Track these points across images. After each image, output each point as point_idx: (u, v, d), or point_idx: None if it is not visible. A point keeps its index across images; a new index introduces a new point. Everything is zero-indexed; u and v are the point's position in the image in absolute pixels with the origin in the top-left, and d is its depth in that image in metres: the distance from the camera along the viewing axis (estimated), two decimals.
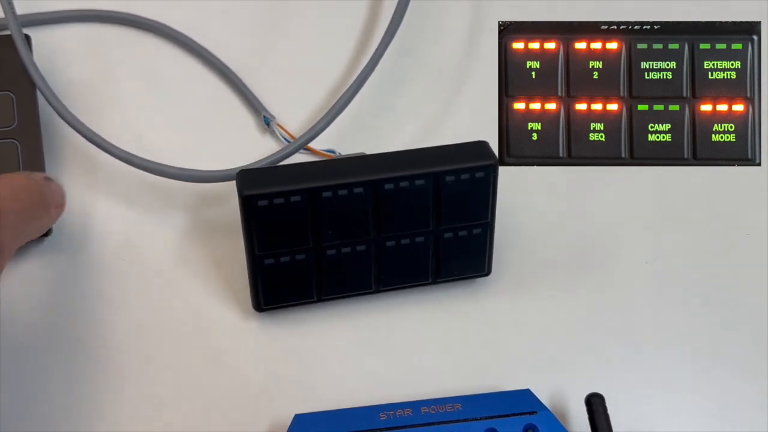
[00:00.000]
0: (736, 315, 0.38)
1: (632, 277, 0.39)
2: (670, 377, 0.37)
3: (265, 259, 0.35)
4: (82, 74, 0.42)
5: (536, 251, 0.40)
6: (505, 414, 0.33)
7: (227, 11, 0.44)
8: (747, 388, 0.36)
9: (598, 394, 0.34)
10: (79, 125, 0.38)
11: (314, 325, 0.37)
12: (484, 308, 0.38)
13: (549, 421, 0.33)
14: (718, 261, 0.40)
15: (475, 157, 0.34)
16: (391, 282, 0.37)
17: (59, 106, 0.38)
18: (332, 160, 0.39)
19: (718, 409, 0.36)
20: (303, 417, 0.34)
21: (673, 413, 0.36)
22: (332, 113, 0.40)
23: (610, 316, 0.38)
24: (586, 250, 0.40)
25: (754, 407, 0.36)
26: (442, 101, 0.43)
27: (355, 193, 0.33)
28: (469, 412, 0.34)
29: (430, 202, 0.35)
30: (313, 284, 0.36)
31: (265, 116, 0.41)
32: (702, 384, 0.36)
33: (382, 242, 0.35)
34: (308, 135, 0.39)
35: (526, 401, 0.34)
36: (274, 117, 0.41)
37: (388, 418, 0.34)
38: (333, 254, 0.35)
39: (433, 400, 0.34)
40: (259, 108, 0.41)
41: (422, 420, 0.33)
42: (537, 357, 0.37)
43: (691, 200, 0.41)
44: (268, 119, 0.41)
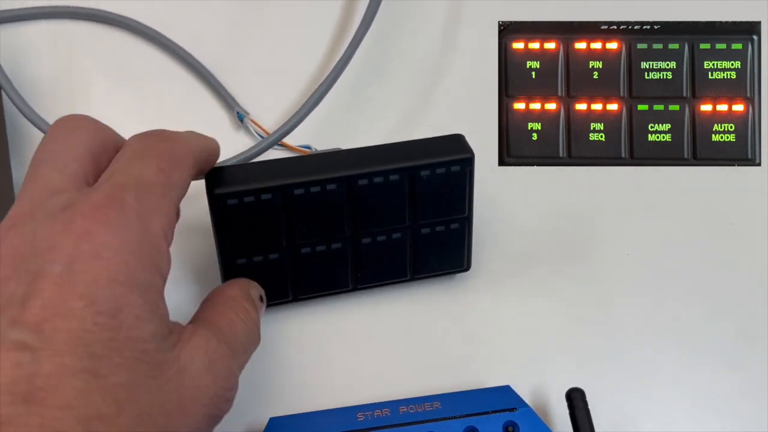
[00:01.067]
0: (721, 308, 0.38)
1: (615, 270, 0.39)
2: (652, 371, 0.36)
3: (238, 260, 0.34)
4: (50, 72, 0.41)
5: (534, 250, 0.40)
6: (484, 411, 0.33)
7: (199, 6, 0.44)
8: (729, 381, 0.36)
9: (579, 388, 0.34)
10: (43, 125, 0.37)
11: (290, 326, 0.37)
12: (464, 304, 0.38)
13: (529, 417, 0.33)
14: (717, 260, 0.40)
15: (451, 151, 0.34)
16: (368, 280, 0.36)
17: (23, 106, 0.37)
18: (305, 156, 0.38)
19: (700, 401, 0.36)
20: (278, 420, 0.33)
21: (655, 406, 0.36)
22: (306, 108, 0.39)
23: (591, 311, 0.38)
24: (579, 248, 0.40)
25: (736, 399, 0.36)
26: (441, 101, 0.43)
27: (328, 189, 0.33)
28: (449, 410, 0.33)
29: (406, 198, 0.34)
30: (288, 283, 0.35)
31: (239, 112, 0.41)
32: (683, 377, 0.36)
33: (358, 239, 0.35)
34: (282, 130, 0.39)
35: (506, 398, 0.34)
36: (247, 113, 0.41)
37: (366, 418, 0.33)
38: (308, 252, 0.34)
39: (411, 399, 0.34)
40: (232, 104, 0.41)
41: (401, 420, 0.33)
42: (517, 353, 0.36)
43: (691, 200, 0.41)
44: (241, 115, 0.41)
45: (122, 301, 0.25)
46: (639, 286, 0.39)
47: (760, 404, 0.35)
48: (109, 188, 0.27)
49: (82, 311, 0.24)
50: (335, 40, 0.43)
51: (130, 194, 0.27)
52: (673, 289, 0.39)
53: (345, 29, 0.44)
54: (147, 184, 0.28)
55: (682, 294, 0.38)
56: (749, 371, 0.36)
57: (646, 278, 0.39)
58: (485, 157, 0.41)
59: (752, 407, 0.35)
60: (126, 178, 0.28)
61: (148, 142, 0.30)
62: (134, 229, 0.26)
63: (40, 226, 0.26)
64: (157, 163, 0.29)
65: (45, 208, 0.27)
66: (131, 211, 0.27)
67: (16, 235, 0.26)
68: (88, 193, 0.27)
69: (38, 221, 0.26)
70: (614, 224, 0.40)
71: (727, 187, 0.41)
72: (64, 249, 0.25)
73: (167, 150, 0.30)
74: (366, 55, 0.43)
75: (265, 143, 0.39)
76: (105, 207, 0.26)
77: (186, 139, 0.31)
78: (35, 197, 0.27)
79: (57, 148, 0.29)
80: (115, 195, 0.27)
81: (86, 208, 0.26)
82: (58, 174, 0.28)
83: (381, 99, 0.43)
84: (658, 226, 0.40)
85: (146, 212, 0.27)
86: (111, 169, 0.29)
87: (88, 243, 0.25)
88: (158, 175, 0.28)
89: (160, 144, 0.30)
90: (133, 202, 0.27)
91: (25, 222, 0.26)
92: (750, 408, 0.35)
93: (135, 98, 0.42)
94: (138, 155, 0.29)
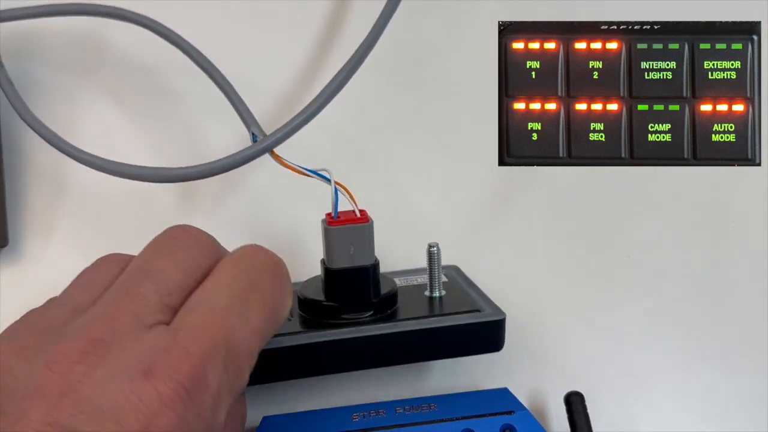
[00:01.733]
0: (721, 310, 0.38)
1: (615, 271, 0.39)
2: (651, 374, 0.36)
3: None
4: (53, 73, 0.41)
5: (534, 250, 0.40)
6: (482, 414, 0.33)
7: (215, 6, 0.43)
8: (729, 385, 0.36)
9: (578, 392, 0.34)
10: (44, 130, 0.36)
11: None
12: None
13: (527, 420, 0.33)
14: (717, 260, 0.40)
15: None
16: None
17: (23, 109, 0.36)
18: None
19: (700, 406, 0.36)
20: (272, 419, 0.33)
21: (654, 411, 0.36)
22: (304, 116, 0.36)
23: (591, 312, 0.38)
24: (579, 248, 0.40)
25: (736, 404, 0.36)
26: (441, 101, 0.43)
27: None
28: (445, 412, 0.33)
29: None
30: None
31: (254, 133, 0.37)
32: (683, 381, 0.36)
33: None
34: (275, 136, 0.35)
35: (503, 400, 0.34)
36: (265, 134, 0.36)
37: (361, 419, 0.33)
38: None
39: (407, 400, 0.34)
40: (250, 123, 0.37)
41: (397, 421, 0.33)
42: (515, 355, 0.36)
43: (691, 200, 0.41)
44: (256, 137, 0.36)
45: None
46: (639, 286, 0.39)
47: (761, 409, 0.35)
48: (197, 355, 0.23)
49: None
50: (335, 51, 0.43)
51: (216, 373, 0.24)
52: (673, 290, 0.39)
53: (344, 31, 0.44)
54: (235, 352, 0.25)
55: (682, 295, 0.39)
56: (750, 376, 0.36)
57: (647, 279, 0.39)
58: (485, 157, 0.41)
59: (752, 412, 0.35)
60: (216, 340, 0.24)
61: (253, 274, 0.27)
62: (204, 426, 0.23)
63: (113, 380, 0.22)
64: (258, 321, 0.26)
65: (127, 353, 0.23)
66: (209, 401, 0.23)
67: (85, 374, 0.22)
68: (175, 350, 0.23)
69: (114, 369, 0.23)
70: (614, 224, 0.40)
71: (727, 187, 0.41)
72: (129, 426, 0.22)
73: (272, 300, 0.27)
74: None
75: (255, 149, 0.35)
76: (186, 393, 0.23)
77: (289, 284, 0.28)
78: (122, 325, 0.24)
79: (166, 268, 0.26)
80: (200, 373, 0.23)
81: (169, 386, 0.23)
82: (157, 296, 0.25)
83: (381, 99, 0.42)
84: (658, 226, 0.40)
85: (222, 401, 0.24)
86: (203, 307, 0.25)
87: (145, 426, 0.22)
88: (252, 339, 0.25)
89: (270, 283, 0.27)
90: (215, 390, 0.24)
91: (100, 359, 0.23)
92: (750, 412, 0.35)
93: (144, 98, 0.41)
94: (239, 299, 0.26)
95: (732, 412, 0.36)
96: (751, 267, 0.40)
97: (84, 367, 0.22)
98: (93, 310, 0.25)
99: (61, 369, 0.22)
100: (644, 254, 0.39)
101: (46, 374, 0.22)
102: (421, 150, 0.42)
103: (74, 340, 0.23)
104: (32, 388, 0.22)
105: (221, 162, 0.35)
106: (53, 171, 0.39)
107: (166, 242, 0.28)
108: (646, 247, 0.40)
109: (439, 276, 0.36)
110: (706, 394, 0.36)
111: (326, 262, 0.34)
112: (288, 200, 0.40)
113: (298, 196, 0.39)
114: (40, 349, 0.23)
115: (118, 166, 0.35)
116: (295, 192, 0.39)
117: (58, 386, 0.22)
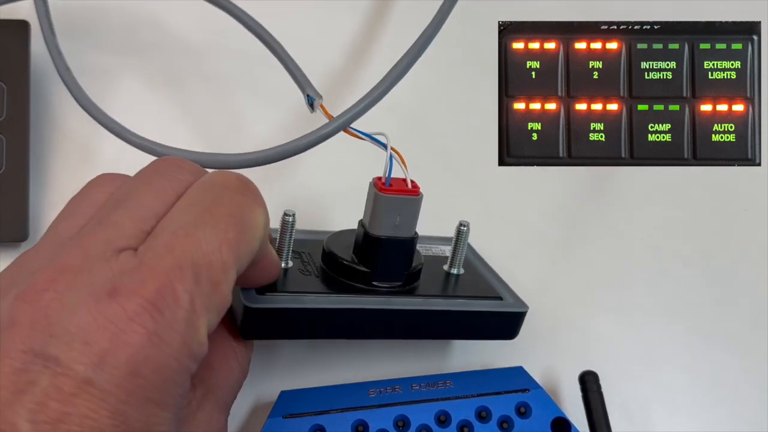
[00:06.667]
0: (730, 293, 0.38)
1: (628, 254, 0.39)
2: (665, 355, 0.37)
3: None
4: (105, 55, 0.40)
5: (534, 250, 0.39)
6: (496, 392, 0.33)
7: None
8: (741, 366, 0.37)
9: (592, 371, 0.34)
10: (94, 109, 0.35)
11: None
12: None
13: (541, 399, 0.33)
14: (717, 261, 0.40)
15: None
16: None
17: (77, 90, 0.36)
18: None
19: (712, 386, 0.36)
20: (289, 393, 0.33)
21: (667, 390, 0.36)
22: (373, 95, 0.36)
23: (603, 293, 0.38)
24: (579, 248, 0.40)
25: (747, 385, 0.36)
26: (441, 101, 0.42)
27: None
28: (461, 389, 0.33)
29: None
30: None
31: (309, 95, 0.36)
32: (696, 361, 0.37)
33: None
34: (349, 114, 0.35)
35: (518, 379, 0.34)
36: (321, 96, 0.37)
37: (378, 395, 0.33)
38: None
39: (423, 377, 0.33)
40: (304, 85, 0.37)
41: (412, 397, 0.33)
42: (530, 334, 0.36)
43: (691, 200, 0.41)
44: (311, 98, 0.36)
45: (152, 420, 0.23)
46: (639, 287, 0.39)
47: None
48: (163, 272, 0.24)
49: (110, 430, 0.22)
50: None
51: (186, 286, 0.24)
52: (673, 291, 0.39)
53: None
54: (206, 266, 0.25)
55: (681, 296, 0.38)
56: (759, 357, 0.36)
57: (647, 279, 0.39)
58: (485, 157, 0.41)
59: (762, 392, 0.35)
60: (182, 255, 0.24)
61: (217, 191, 0.27)
62: (179, 340, 0.23)
63: (80, 303, 0.23)
64: (224, 232, 0.25)
65: (95, 276, 0.23)
66: (181, 314, 0.24)
67: (54, 299, 0.23)
68: (141, 269, 0.24)
69: (81, 292, 0.23)
70: (614, 224, 0.40)
71: (727, 187, 0.41)
72: (97, 345, 0.22)
73: (239, 211, 0.26)
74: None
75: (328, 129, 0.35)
76: (154, 309, 0.23)
77: (259, 198, 0.28)
78: (92, 252, 0.24)
79: (142, 196, 0.26)
80: (168, 288, 0.24)
81: (135, 302, 0.23)
82: (130, 222, 0.25)
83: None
84: (658, 226, 0.40)
85: (197, 315, 0.24)
86: (169, 228, 0.25)
87: (127, 353, 0.23)
88: (222, 251, 0.25)
89: (235, 198, 0.27)
90: (187, 303, 0.24)
91: (67, 286, 0.23)
92: (760, 393, 0.35)
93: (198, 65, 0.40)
94: (203, 215, 0.26)
95: (742, 392, 0.36)
96: (751, 268, 0.40)
97: (52, 293, 0.23)
98: (69, 242, 0.26)
99: (31, 299, 0.23)
100: (644, 253, 0.39)
101: (18, 305, 0.23)
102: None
103: (44, 271, 0.24)
104: (6, 320, 0.23)
105: (299, 141, 0.35)
106: (83, 150, 0.38)
107: (147, 172, 0.28)
108: (646, 246, 0.40)
109: (462, 255, 0.36)
110: (717, 375, 0.36)
111: (367, 227, 0.33)
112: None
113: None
114: (14, 284, 0.24)
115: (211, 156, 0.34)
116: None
117: (29, 315, 0.23)
